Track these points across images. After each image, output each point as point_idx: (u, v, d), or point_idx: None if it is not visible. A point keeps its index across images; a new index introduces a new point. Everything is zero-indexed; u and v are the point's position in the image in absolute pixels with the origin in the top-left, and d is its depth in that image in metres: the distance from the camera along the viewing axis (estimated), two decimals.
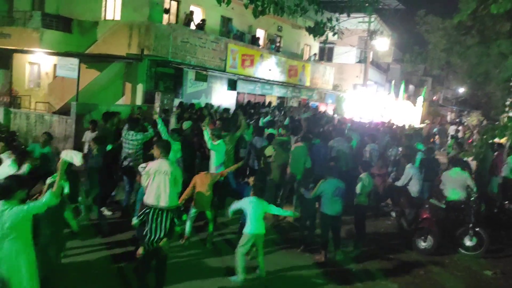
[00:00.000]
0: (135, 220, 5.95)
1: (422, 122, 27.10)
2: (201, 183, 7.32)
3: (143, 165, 6.54)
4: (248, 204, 6.41)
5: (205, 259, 6.94)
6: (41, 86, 18.59)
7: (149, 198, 5.80)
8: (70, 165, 4.97)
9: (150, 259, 5.56)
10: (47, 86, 17.96)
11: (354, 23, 26.25)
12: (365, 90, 27.11)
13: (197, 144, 10.22)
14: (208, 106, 15.93)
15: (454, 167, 8.96)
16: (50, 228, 5.21)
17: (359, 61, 31.77)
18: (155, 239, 5.49)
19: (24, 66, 18.91)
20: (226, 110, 14.92)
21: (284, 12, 6.98)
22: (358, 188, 7.88)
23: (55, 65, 16.96)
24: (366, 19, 26.69)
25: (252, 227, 6.31)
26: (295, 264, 7.16)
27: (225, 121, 10.98)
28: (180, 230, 6.81)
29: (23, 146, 10.33)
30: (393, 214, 9.98)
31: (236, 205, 6.58)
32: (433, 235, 8.03)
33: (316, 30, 7.58)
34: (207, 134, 8.42)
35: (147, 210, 5.68)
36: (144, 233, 5.60)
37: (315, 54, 27.00)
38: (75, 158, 4.86)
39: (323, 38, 7.91)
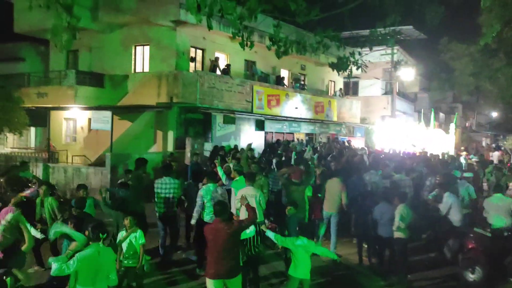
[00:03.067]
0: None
1: (457, 149, 26.38)
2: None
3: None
4: (296, 246, 6.15)
5: None
6: (77, 140, 19.31)
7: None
8: None
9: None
10: (82, 139, 18.65)
11: (377, 56, 26.40)
12: (394, 121, 26.83)
13: None
14: (236, 147, 16.12)
15: (496, 193, 8.62)
16: None
17: (385, 93, 31.66)
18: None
19: (60, 122, 19.79)
20: (239, 150, 14.97)
21: (306, 50, 7.13)
22: (397, 221, 7.66)
23: (89, 119, 17.68)
24: (389, 51, 26.81)
25: (299, 270, 6.10)
26: None
27: (239, 160, 11.26)
28: None
29: (61, 199, 10.63)
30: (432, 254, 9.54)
31: (282, 242, 6.35)
32: (481, 265, 7.63)
33: (340, 66, 7.68)
34: (220, 171, 8.70)
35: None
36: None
37: (340, 89, 27.13)
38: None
39: (346, 73, 7.98)
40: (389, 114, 28.31)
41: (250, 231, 6.54)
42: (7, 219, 6.13)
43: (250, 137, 19.06)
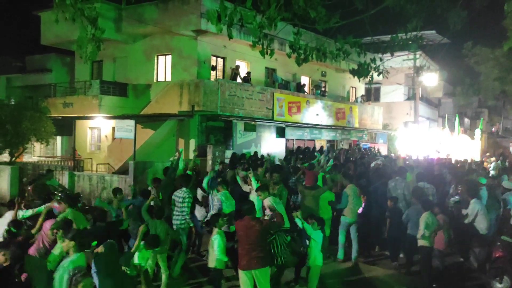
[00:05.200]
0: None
1: (483, 155, 25.78)
2: None
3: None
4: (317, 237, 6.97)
5: None
6: (102, 148, 19.70)
7: None
8: None
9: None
10: (106, 148, 19.00)
11: (399, 62, 26.12)
12: (417, 127, 26.43)
13: None
14: (256, 155, 16.16)
15: None
16: None
17: (408, 99, 31.23)
18: None
19: (85, 131, 20.24)
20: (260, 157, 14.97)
21: (326, 57, 7.10)
22: (421, 229, 7.53)
23: (113, 128, 18.03)
24: (411, 56, 26.49)
25: (319, 258, 6.95)
26: None
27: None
28: None
29: (86, 207, 10.83)
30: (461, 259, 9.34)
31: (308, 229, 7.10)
32: (510, 275, 7.42)
33: (360, 72, 7.62)
34: (254, 180, 8.81)
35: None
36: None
37: (362, 95, 26.92)
38: None
39: (368, 79, 7.92)
40: (412, 120, 27.89)
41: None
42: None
43: (271, 144, 19.08)
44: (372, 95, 31.35)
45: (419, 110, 27.85)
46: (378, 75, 8.44)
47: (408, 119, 29.03)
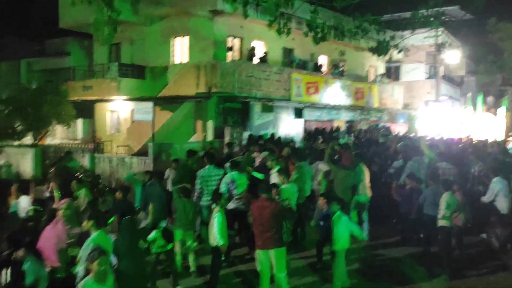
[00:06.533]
0: None
1: (508, 134, 25.17)
2: None
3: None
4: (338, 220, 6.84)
5: None
6: (121, 131, 19.93)
7: None
8: None
9: None
10: (126, 130, 19.22)
11: (420, 39, 25.48)
12: (439, 106, 25.89)
13: None
14: (274, 136, 16.12)
15: None
16: None
17: (429, 77, 30.53)
18: None
19: (104, 114, 20.48)
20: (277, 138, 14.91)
21: (345, 36, 6.98)
22: (442, 209, 7.44)
23: (132, 110, 18.19)
24: (433, 33, 25.77)
25: (345, 241, 6.85)
26: None
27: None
28: None
29: (107, 188, 11.03)
30: (483, 235, 9.22)
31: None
32: None
33: (380, 50, 7.48)
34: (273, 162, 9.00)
35: None
36: None
37: (381, 74, 26.43)
38: None
39: (387, 57, 7.76)
40: (433, 99, 27.32)
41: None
42: None
43: (289, 126, 18.99)
44: (392, 74, 30.74)
45: (441, 88, 27.25)
46: (398, 53, 8.28)
47: (429, 98, 28.43)
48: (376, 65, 26.93)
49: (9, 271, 5.07)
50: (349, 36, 7.32)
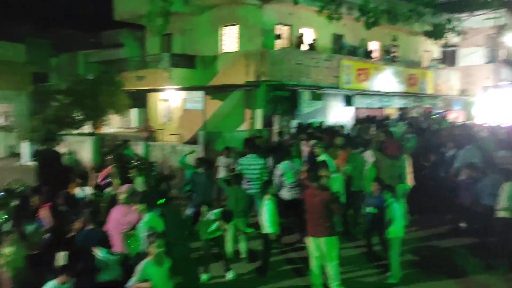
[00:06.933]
0: None
1: None
2: None
3: None
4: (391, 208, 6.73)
5: None
6: (172, 119, 20.45)
7: None
8: None
9: None
10: (177, 119, 19.71)
11: (478, 21, 24.07)
12: (498, 91, 24.49)
13: None
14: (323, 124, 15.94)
15: None
16: None
17: (489, 62, 28.89)
18: None
19: (157, 103, 21.08)
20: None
21: (398, 20, 6.77)
22: (503, 199, 7.11)
23: (183, 100, 18.59)
24: (493, 15, 24.28)
25: (399, 230, 6.71)
26: None
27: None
28: None
29: (160, 175, 11.39)
30: None
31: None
32: None
33: (435, 34, 7.21)
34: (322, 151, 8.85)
35: None
36: None
37: (436, 59, 25.32)
38: None
39: (443, 41, 7.44)
40: (492, 84, 25.86)
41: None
42: None
43: (338, 113, 18.71)
44: (448, 58, 29.36)
45: (501, 73, 25.74)
46: (456, 36, 7.88)
47: (488, 84, 26.94)
48: (431, 49, 25.83)
49: (65, 254, 5.27)
50: (403, 20, 7.08)
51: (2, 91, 31.17)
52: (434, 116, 20.57)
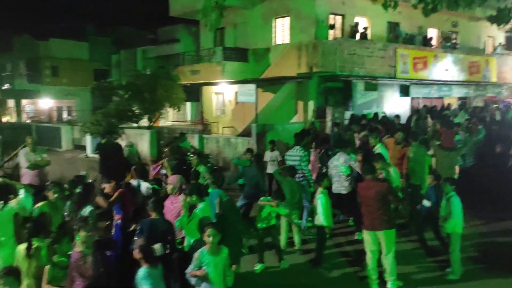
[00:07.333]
0: None
1: None
2: None
3: None
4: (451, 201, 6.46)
5: None
6: (226, 112, 20.82)
7: None
8: None
9: None
10: (230, 112, 20.02)
11: None
12: None
13: None
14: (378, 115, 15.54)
15: None
16: None
17: None
18: None
19: (210, 96, 21.52)
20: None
21: (459, 5, 6.46)
22: None
23: (236, 93, 18.86)
24: None
25: (457, 224, 6.44)
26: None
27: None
28: None
29: (215, 167, 11.66)
30: None
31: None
32: None
33: (500, 18, 6.80)
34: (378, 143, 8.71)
35: None
36: None
37: (501, 45, 23.86)
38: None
39: (508, 26, 7.02)
40: None
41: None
42: None
43: (394, 104, 18.18)
44: None
45: None
46: None
47: None
48: (495, 35, 24.36)
49: (161, 244, 5.40)
50: (464, 5, 6.74)
51: (67, 87, 33.27)
52: (495, 105, 19.46)
